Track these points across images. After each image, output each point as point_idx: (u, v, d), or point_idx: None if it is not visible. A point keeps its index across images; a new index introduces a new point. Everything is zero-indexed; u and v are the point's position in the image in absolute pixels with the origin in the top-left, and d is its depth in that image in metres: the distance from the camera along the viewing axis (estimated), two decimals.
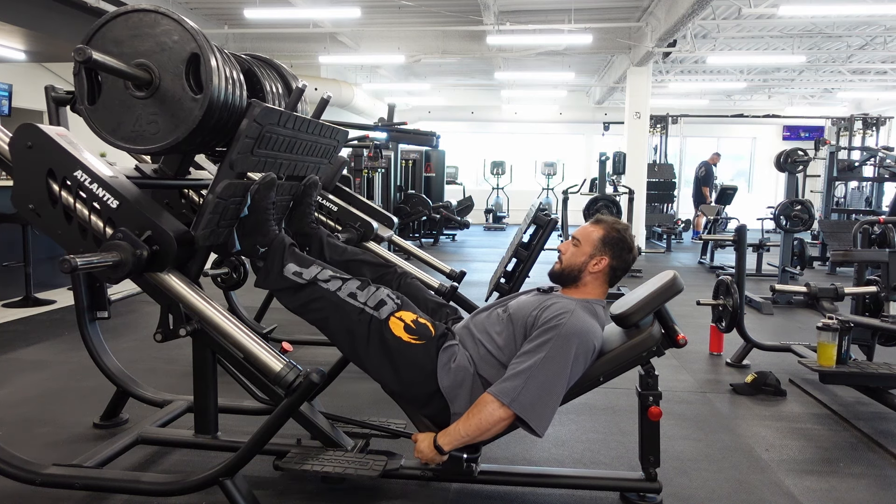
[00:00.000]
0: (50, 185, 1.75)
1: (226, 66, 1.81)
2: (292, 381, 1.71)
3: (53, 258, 5.51)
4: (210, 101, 1.71)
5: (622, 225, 2.05)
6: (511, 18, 8.49)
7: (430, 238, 10.28)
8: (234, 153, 1.76)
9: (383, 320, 1.85)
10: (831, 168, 8.09)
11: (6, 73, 7.88)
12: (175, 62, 1.72)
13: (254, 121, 1.75)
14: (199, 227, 1.76)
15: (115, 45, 1.72)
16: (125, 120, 1.76)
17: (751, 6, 7.14)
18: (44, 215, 1.77)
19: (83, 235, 1.75)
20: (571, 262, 2.02)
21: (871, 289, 3.36)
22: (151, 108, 1.74)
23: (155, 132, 1.75)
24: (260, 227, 1.91)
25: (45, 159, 1.74)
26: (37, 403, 2.89)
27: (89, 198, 1.73)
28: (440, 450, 1.82)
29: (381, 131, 5.09)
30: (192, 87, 1.72)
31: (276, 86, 2.15)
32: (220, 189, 1.76)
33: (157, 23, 1.72)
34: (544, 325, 1.83)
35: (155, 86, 1.72)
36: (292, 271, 1.89)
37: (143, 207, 1.74)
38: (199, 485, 1.82)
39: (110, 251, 1.65)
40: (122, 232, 1.69)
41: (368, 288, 1.90)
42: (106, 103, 1.76)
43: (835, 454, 2.50)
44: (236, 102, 1.83)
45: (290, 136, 1.96)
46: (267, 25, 9.08)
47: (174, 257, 1.75)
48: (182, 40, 1.71)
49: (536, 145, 15.72)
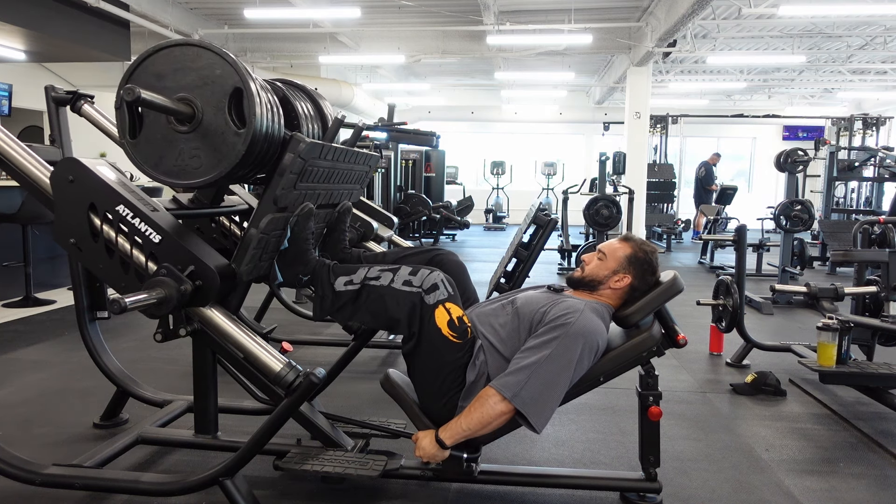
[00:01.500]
0: (91, 219, 1.74)
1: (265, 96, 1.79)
2: (292, 381, 1.71)
3: (53, 258, 5.51)
4: (253, 135, 1.69)
5: (650, 247, 2.04)
6: (511, 18, 8.50)
7: (430, 238, 10.27)
8: (279, 189, 1.75)
9: (431, 306, 1.83)
10: (831, 168, 8.09)
11: (6, 73, 7.88)
12: (218, 96, 1.69)
13: (299, 156, 1.74)
14: (243, 262, 1.75)
15: (157, 80, 1.71)
16: (167, 154, 1.73)
17: (751, 6, 7.14)
18: (85, 249, 1.76)
19: (125, 270, 1.75)
20: (594, 274, 2.02)
21: (871, 289, 3.36)
22: (194, 142, 1.72)
23: (197, 167, 1.72)
24: (300, 257, 1.91)
25: (86, 193, 1.74)
26: (37, 403, 2.89)
27: (131, 232, 1.73)
28: (442, 444, 1.82)
29: (381, 131, 5.09)
30: (234, 121, 1.69)
31: (305, 106, 2.13)
32: (265, 225, 1.74)
33: (200, 56, 1.70)
34: (552, 323, 1.83)
35: (197, 120, 1.70)
36: (343, 283, 1.88)
37: (185, 242, 1.73)
38: (199, 485, 1.83)
39: (155, 288, 1.64)
40: (166, 268, 1.68)
41: (422, 271, 1.87)
42: (148, 137, 1.74)
43: (835, 454, 2.50)
44: (275, 132, 1.80)
45: (329, 168, 1.95)
46: (267, 25, 9.09)
47: (217, 292, 1.74)
48: (225, 74, 1.69)
49: (536, 145, 15.72)
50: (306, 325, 4.21)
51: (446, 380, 1.87)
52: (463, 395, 1.87)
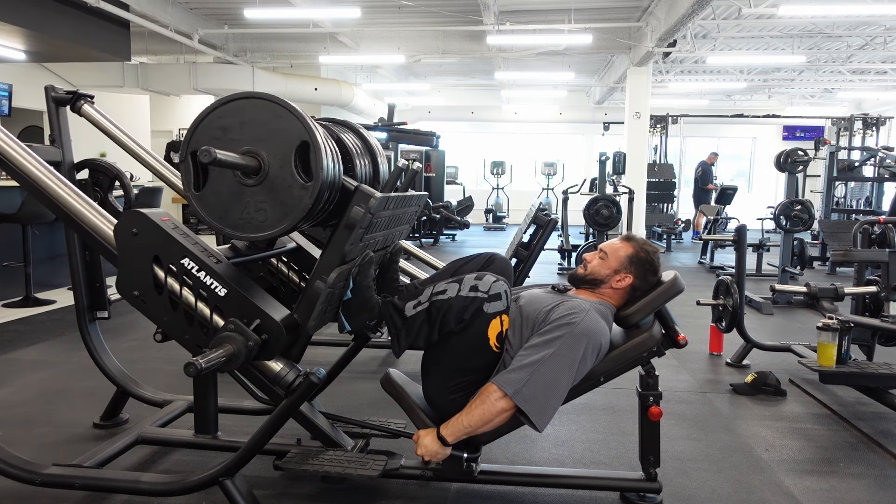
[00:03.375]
0: (155, 271, 1.73)
1: (329, 146, 1.76)
2: (292, 381, 1.71)
3: (53, 258, 5.51)
4: (320, 188, 1.67)
5: (651, 247, 2.04)
6: (511, 18, 8.49)
7: (430, 238, 10.28)
8: (348, 244, 1.73)
9: (489, 314, 1.82)
10: (831, 168, 8.09)
11: (6, 73, 7.88)
12: (284, 150, 1.67)
13: (368, 212, 1.72)
14: (312, 317, 1.73)
15: (222, 132, 1.69)
16: (233, 207, 1.71)
17: (751, 6, 7.14)
18: (149, 302, 1.74)
19: (189, 322, 1.74)
20: (595, 273, 2.03)
21: (871, 289, 3.36)
22: (260, 195, 1.69)
23: (263, 220, 1.70)
24: (366, 305, 1.89)
25: (150, 246, 1.73)
26: (37, 403, 2.89)
27: (196, 285, 1.71)
28: (444, 441, 1.82)
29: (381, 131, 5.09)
30: (301, 174, 1.67)
31: (355, 143, 2.10)
32: (333, 279, 1.73)
33: (266, 109, 1.68)
34: (557, 322, 1.83)
35: (264, 173, 1.68)
36: (412, 306, 1.86)
37: (250, 294, 1.72)
38: (199, 485, 1.83)
39: (223, 344, 1.62)
40: (234, 323, 1.66)
41: (487, 277, 1.86)
42: (213, 190, 1.72)
43: (835, 454, 2.50)
44: (336, 180, 1.78)
45: (389, 216, 1.94)
46: (267, 25, 9.09)
47: (283, 346, 1.72)
48: (291, 128, 1.66)
49: (536, 145, 15.72)
50: None
51: (469, 379, 1.87)
52: (474, 394, 1.87)
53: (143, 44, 9.46)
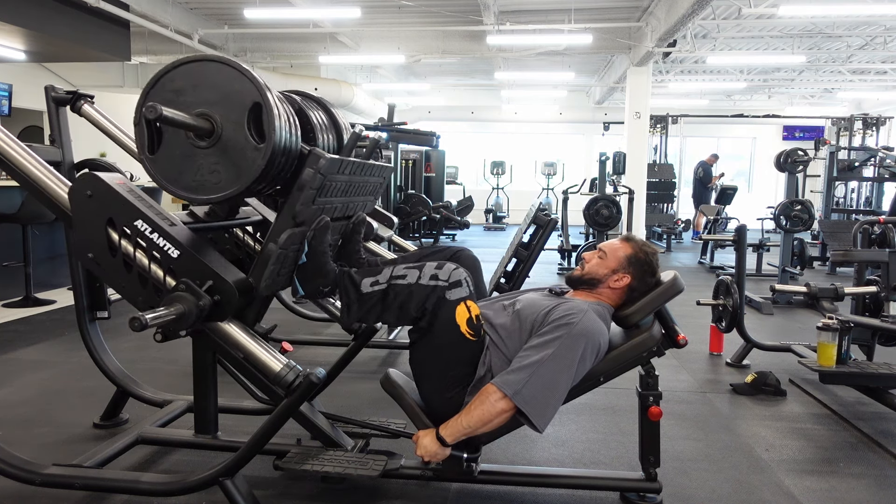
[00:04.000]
0: (109, 234, 1.74)
1: (284, 110, 1.78)
2: (292, 381, 1.71)
3: (53, 258, 5.51)
4: (272, 150, 1.68)
5: (651, 248, 2.04)
6: (511, 18, 8.50)
7: (430, 238, 10.27)
8: (298, 205, 1.74)
9: (453, 302, 1.82)
10: (831, 168, 8.09)
11: (6, 73, 7.89)
12: (237, 112, 1.68)
13: (318, 173, 1.73)
14: (263, 278, 1.74)
15: (175, 95, 1.70)
16: (186, 170, 1.72)
17: (751, 6, 7.14)
18: (103, 264, 1.76)
19: (143, 284, 1.74)
20: (593, 272, 2.03)
21: (871, 289, 3.36)
22: (213, 157, 1.71)
23: (217, 182, 1.72)
24: (320, 270, 1.90)
25: (105, 208, 1.73)
26: (37, 403, 2.89)
27: (149, 247, 1.72)
28: (443, 442, 1.82)
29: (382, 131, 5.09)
30: (254, 136, 1.68)
31: (320, 117, 2.12)
32: (284, 241, 1.74)
33: (219, 71, 1.69)
34: (555, 322, 1.83)
35: (217, 136, 1.69)
36: (369, 283, 1.87)
37: (203, 256, 1.72)
38: (199, 485, 1.83)
39: (174, 304, 1.63)
40: (185, 283, 1.67)
41: (447, 265, 1.86)
42: (167, 153, 1.73)
43: (835, 454, 2.50)
44: (293, 146, 1.79)
45: (346, 181, 1.95)
46: (267, 25, 9.09)
47: (235, 307, 1.73)
48: (244, 89, 1.68)
49: (536, 145, 15.72)
50: (306, 325, 4.21)
51: (456, 375, 1.87)
52: (469, 390, 1.87)
53: (143, 44, 9.46)
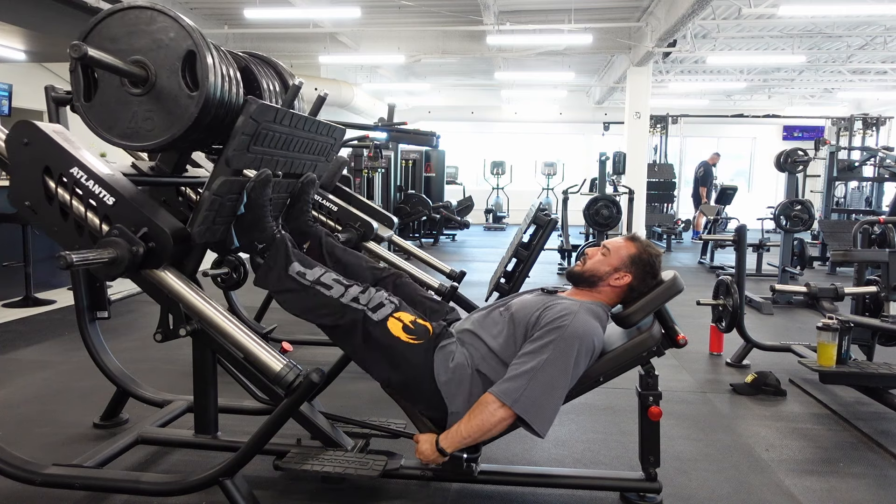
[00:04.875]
0: (46, 181, 1.75)
1: (222, 63, 1.80)
2: (292, 381, 1.71)
3: (54, 258, 5.51)
4: (206, 99, 1.70)
5: (655, 250, 2.04)
6: (511, 18, 8.50)
7: (430, 238, 10.28)
8: (231, 150, 1.76)
9: (381, 321, 1.85)
10: (831, 168, 8.09)
11: (6, 73, 7.87)
12: (171, 59, 1.71)
13: (250, 118, 1.74)
14: (196, 223, 1.76)
15: (111, 42, 1.72)
16: (121, 117, 1.75)
17: (751, 6, 7.14)
18: (40, 212, 1.77)
19: (79, 232, 1.75)
20: (594, 269, 2.02)
21: (871, 289, 3.36)
22: (147, 105, 1.74)
23: (150, 129, 1.74)
24: (257, 224, 1.91)
25: (41, 156, 1.74)
26: (37, 403, 2.89)
27: (85, 195, 1.73)
28: (442, 452, 1.82)
29: (381, 131, 5.09)
30: (188, 84, 1.71)
31: (273, 83, 2.15)
32: (216, 186, 1.75)
33: (154, 20, 1.72)
34: (547, 326, 1.82)
35: (151, 83, 1.72)
36: (296, 271, 1.88)
37: (139, 204, 1.73)
38: (199, 485, 1.82)
39: (106, 248, 1.65)
40: (118, 229, 1.68)
41: (369, 290, 1.91)
42: (102, 100, 1.76)
43: (835, 454, 2.50)
44: (233, 100, 1.82)
45: (286, 134, 1.96)
46: (267, 25, 9.09)
47: (170, 254, 1.74)
48: (178, 37, 1.71)
49: (536, 145, 15.72)
50: (306, 326, 4.18)
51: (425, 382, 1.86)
52: (449, 398, 1.86)
53: None
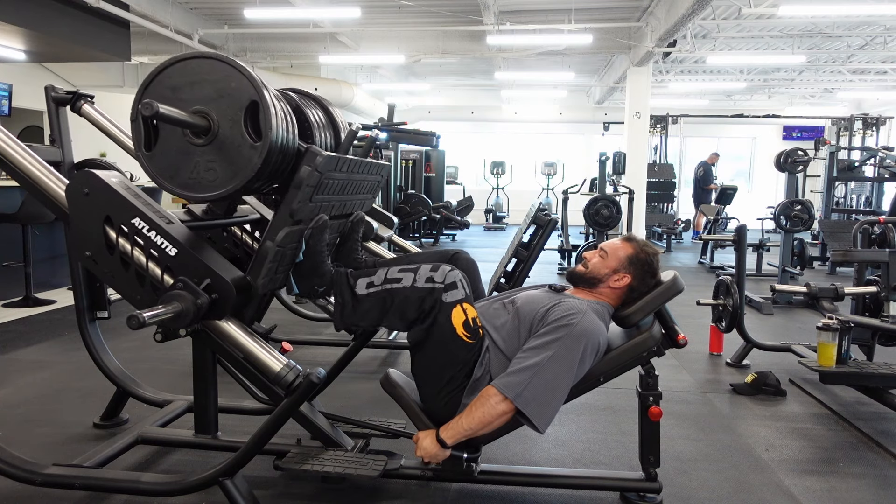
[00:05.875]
0: (107, 232, 1.73)
1: (280, 108, 1.77)
2: (292, 381, 1.71)
3: (53, 258, 5.51)
4: (269, 148, 1.68)
5: (652, 249, 2.05)
6: (511, 18, 8.49)
7: (431, 238, 10.28)
8: (295, 203, 1.74)
9: (448, 304, 1.81)
10: (831, 168, 8.09)
11: (6, 73, 7.88)
12: (234, 109, 1.68)
13: (316, 170, 1.72)
14: (259, 275, 1.73)
15: (172, 92, 1.70)
16: (183, 167, 1.72)
17: (751, 6, 7.14)
18: (101, 262, 1.75)
19: (140, 283, 1.74)
20: (595, 271, 2.03)
21: (871, 289, 3.36)
22: (209, 155, 1.71)
23: (213, 179, 1.71)
24: (316, 269, 1.89)
25: (102, 206, 1.73)
26: (37, 403, 2.89)
27: (147, 245, 1.72)
28: (443, 444, 1.82)
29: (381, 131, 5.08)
30: (251, 134, 1.68)
31: (317, 115, 2.11)
32: (281, 238, 1.73)
33: (215, 69, 1.69)
34: (555, 323, 1.83)
35: (213, 133, 1.69)
36: (365, 285, 1.86)
37: (200, 255, 1.72)
38: (199, 485, 1.83)
39: (171, 302, 1.62)
40: (183, 281, 1.66)
41: (442, 268, 1.85)
42: (163, 150, 1.73)
43: (835, 454, 2.50)
44: (290, 144, 1.79)
45: (343, 179, 1.94)
46: (267, 25, 9.09)
47: (232, 305, 1.73)
48: (241, 87, 1.67)
49: (536, 145, 15.72)
50: (306, 325, 4.21)
51: (454, 377, 1.87)
52: (467, 392, 1.87)
53: (143, 44, 9.45)
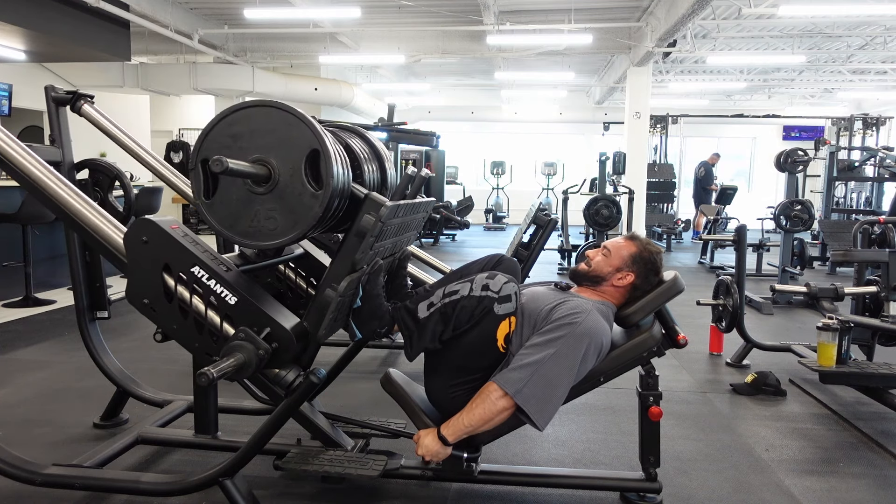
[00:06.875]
0: (165, 280, 1.73)
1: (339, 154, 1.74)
2: (292, 381, 1.71)
3: (53, 258, 5.51)
4: (330, 197, 1.66)
5: (655, 247, 2.05)
6: (511, 18, 8.49)
7: (430, 238, 10.28)
8: (359, 253, 1.72)
9: (499, 315, 1.82)
10: (831, 168, 8.08)
11: (6, 73, 7.88)
12: (294, 158, 1.65)
13: (379, 220, 1.70)
14: (322, 326, 1.71)
15: (232, 140, 1.68)
16: (243, 216, 1.70)
17: (751, 6, 7.13)
18: (159, 310, 1.74)
19: (199, 331, 1.73)
20: (598, 270, 2.03)
21: (871, 289, 3.36)
22: (269, 203, 1.68)
23: (273, 228, 1.69)
24: (375, 312, 1.88)
25: (160, 254, 1.72)
26: (37, 403, 2.89)
27: (206, 293, 1.71)
28: (444, 441, 1.82)
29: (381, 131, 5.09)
30: (311, 182, 1.66)
31: (363, 148, 2.08)
32: (343, 288, 1.71)
33: (275, 117, 1.67)
34: (559, 321, 1.83)
35: (274, 181, 1.66)
36: (425, 307, 1.86)
37: (260, 303, 1.71)
38: (199, 485, 1.83)
39: (234, 353, 1.61)
40: (244, 332, 1.65)
41: (498, 277, 1.86)
42: (223, 199, 1.70)
43: (835, 454, 2.50)
44: (346, 187, 1.76)
45: (399, 223, 1.93)
46: (267, 25, 9.08)
47: (292, 355, 1.72)
48: (301, 135, 1.65)
49: (536, 145, 15.71)
50: None
51: (472, 378, 1.87)
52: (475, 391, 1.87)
53: (143, 44, 9.45)
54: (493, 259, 2.12)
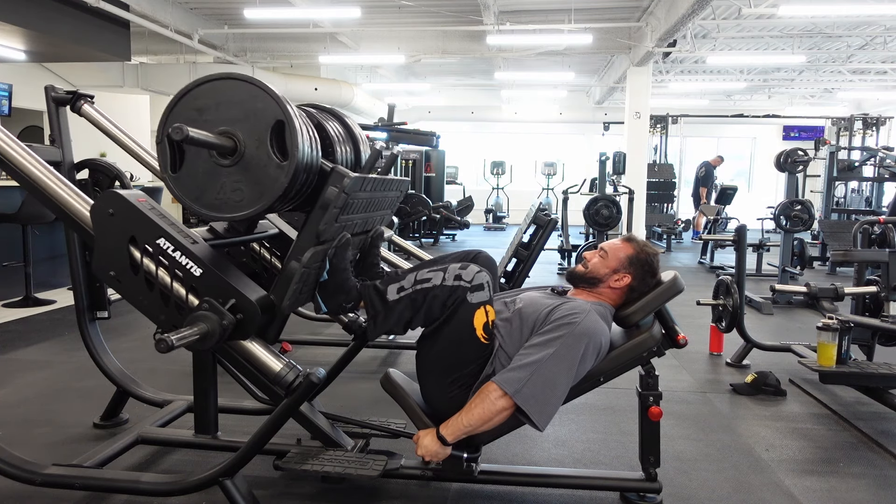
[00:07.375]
0: (131, 252, 1.73)
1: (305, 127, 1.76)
2: (292, 381, 1.71)
3: (53, 258, 5.51)
4: (296, 168, 1.67)
5: (651, 249, 2.05)
6: (511, 18, 8.49)
7: (430, 238, 10.28)
8: (322, 224, 1.73)
9: (473, 304, 1.83)
10: (831, 168, 8.09)
11: (6, 73, 7.87)
12: (259, 130, 1.67)
13: (342, 192, 1.71)
14: (286, 297, 1.73)
15: (198, 113, 1.70)
16: (209, 188, 1.72)
17: (751, 6, 7.14)
18: (125, 282, 1.75)
19: (165, 303, 1.73)
20: (595, 271, 2.04)
21: (871, 289, 3.36)
22: (235, 175, 1.70)
23: (239, 199, 1.71)
24: (342, 287, 1.88)
25: (126, 226, 1.73)
26: (37, 403, 2.89)
27: (171, 265, 1.71)
28: (444, 441, 1.82)
29: (381, 131, 5.09)
30: (276, 154, 1.68)
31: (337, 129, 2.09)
32: (307, 259, 1.73)
33: (241, 89, 1.69)
34: (558, 321, 1.83)
35: (240, 154, 1.68)
36: (395, 290, 1.86)
37: (225, 274, 1.72)
38: (199, 485, 1.83)
39: (197, 323, 1.62)
40: (208, 302, 1.66)
41: (471, 267, 1.87)
42: (189, 172, 1.72)
43: (835, 454, 2.50)
44: (314, 163, 1.78)
45: (367, 198, 1.94)
46: (267, 25, 9.08)
47: (257, 325, 1.72)
48: (267, 107, 1.67)
49: (536, 145, 15.72)
50: (306, 325, 4.21)
51: (462, 374, 1.87)
52: (473, 390, 1.87)
53: (143, 44, 9.46)
54: (471, 253, 2.13)
